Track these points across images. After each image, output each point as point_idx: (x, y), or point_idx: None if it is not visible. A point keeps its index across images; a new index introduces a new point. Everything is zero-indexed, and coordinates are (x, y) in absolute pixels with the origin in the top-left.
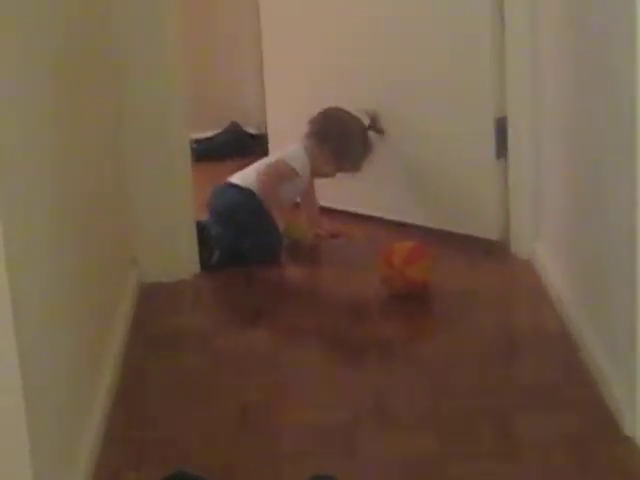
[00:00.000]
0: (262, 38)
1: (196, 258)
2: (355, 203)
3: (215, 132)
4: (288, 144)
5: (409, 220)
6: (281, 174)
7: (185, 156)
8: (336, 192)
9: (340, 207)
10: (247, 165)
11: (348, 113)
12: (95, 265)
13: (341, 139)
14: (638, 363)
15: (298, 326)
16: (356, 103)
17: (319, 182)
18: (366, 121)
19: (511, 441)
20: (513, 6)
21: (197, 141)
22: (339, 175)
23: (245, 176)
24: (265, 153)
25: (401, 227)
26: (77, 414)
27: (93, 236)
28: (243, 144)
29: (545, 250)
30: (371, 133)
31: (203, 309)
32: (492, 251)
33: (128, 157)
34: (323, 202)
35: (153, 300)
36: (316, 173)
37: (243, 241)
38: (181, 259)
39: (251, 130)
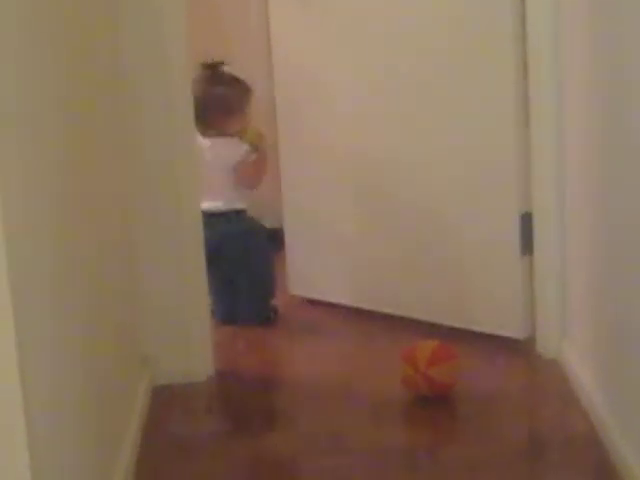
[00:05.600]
0: (279, 133)
1: (211, 358)
2: (377, 302)
3: None
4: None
5: (432, 319)
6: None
7: (198, 250)
8: (356, 291)
9: (364, 306)
10: None
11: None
12: (105, 363)
13: (211, 106)
14: None
15: (316, 431)
16: (375, 195)
17: (341, 280)
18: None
19: None
20: (538, 101)
21: None
22: (358, 272)
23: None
24: (281, 247)
25: (423, 326)
26: None
27: (102, 332)
28: None
29: (572, 349)
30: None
31: (218, 413)
32: (518, 350)
33: (139, 248)
34: (343, 300)
35: (166, 403)
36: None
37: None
38: (195, 359)
39: (266, 224)
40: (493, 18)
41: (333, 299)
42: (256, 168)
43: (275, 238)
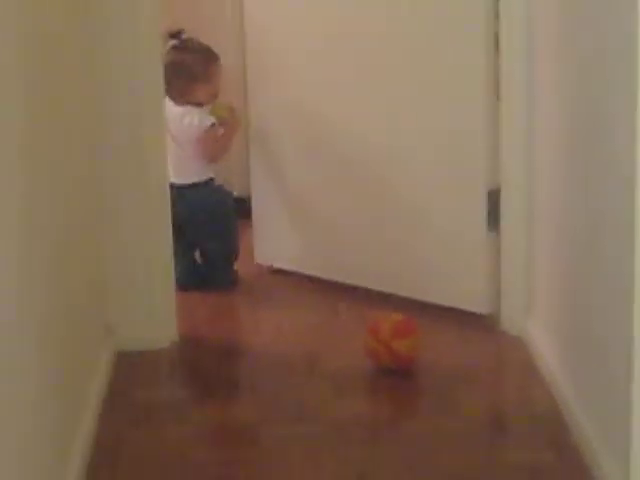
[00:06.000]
0: (248, 101)
1: (174, 325)
2: (341, 273)
3: None
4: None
5: (397, 291)
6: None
7: (165, 217)
8: (322, 262)
9: (326, 277)
10: None
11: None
12: (66, 330)
13: (176, 73)
14: (634, 446)
15: (279, 399)
16: (343, 166)
17: (307, 250)
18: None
19: None
20: (509, 76)
21: None
22: (324, 244)
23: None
24: (248, 216)
25: (388, 298)
26: None
27: (64, 298)
28: None
29: (536, 326)
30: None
31: (182, 379)
32: (482, 326)
33: (105, 215)
34: (306, 270)
35: (129, 370)
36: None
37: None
38: (159, 326)
39: (234, 193)
40: None
41: (299, 269)
42: (220, 143)
43: (242, 207)
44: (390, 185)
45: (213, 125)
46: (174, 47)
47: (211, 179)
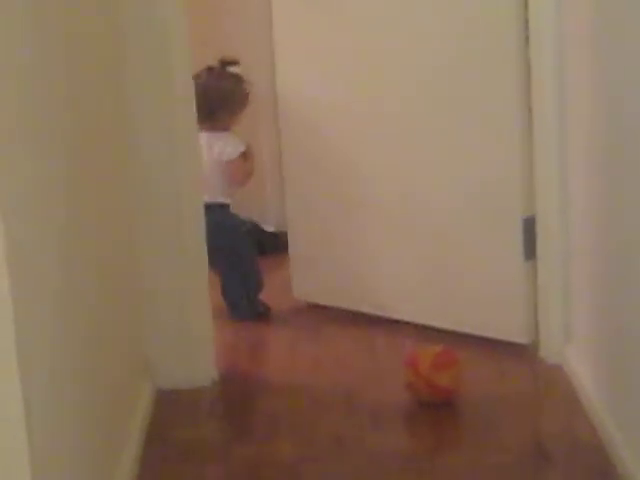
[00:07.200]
0: (282, 137)
1: (214, 362)
2: (379, 307)
3: None
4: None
5: (435, 324)
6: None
7: (201, 251)
8: (359, 295)
9: (363, 310)
10: (266, 263)
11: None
12: (107, 369)
13: (218, 102)
14: None
15: (319, 435)
16: (380, 205)
17: (343, 284)
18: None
19: None
20: (541, 102)
21: None
22: (361, 277)
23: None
24: (285, 251)
25: (427, 331)
26: None
27: (104, 339)
28: (262, 242)
29: (576, 355)
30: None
31: (221, 418)
32: (521, 355)
33: (142, 251)
34: (344, 304)
35: (170, 408)
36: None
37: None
38: (198, 364)
39: (269, 228)
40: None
41: (336, 303)
42: (248, 168)
43: (279, 241)
44: (425, 217)
45: (244, 153)
46: (212, 74)
47: (227, 205)
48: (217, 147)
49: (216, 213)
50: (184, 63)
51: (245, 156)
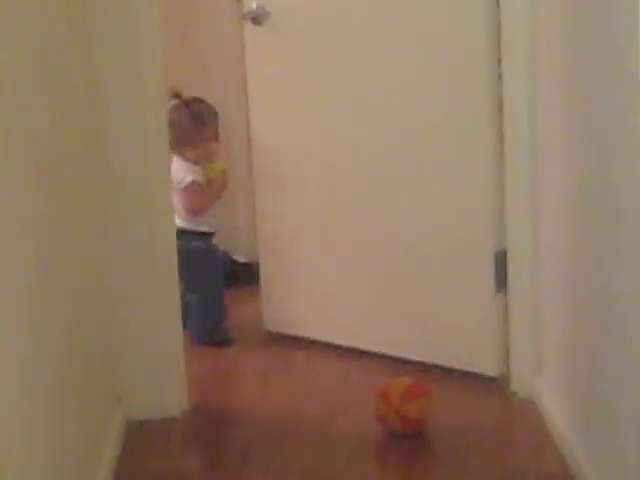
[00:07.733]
0: (253, 164)
1: (185, 394)
2: (352, 338)
3: None
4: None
5: (406, 355)
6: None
7: (173, 283)
8: (330, 327)
9: (336, 341)
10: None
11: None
12: (77, 403)
13: (173, 131)
14: None
15: (291, 466)
16: (352, 237)
17: (315, 316)
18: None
19: None
20: (513, 138)
21: None
22: (333, 309)
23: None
24: (256, 282)
25: (398, 362)
26: None
27: (75, 370)
28: (233, 273)
29: (546, 387)
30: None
31: (192, 449)
32: (491, 388)
33: (112, 281)
34: (316, 335)
35: (140, 440)
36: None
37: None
38: (169, 395)
39: (241, 258)
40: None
41: (308, 335)
42: (202, 199)
43: (251, 272)
44: (398, 250)
45: (192, 183)
46: (173, 106)
47: (198, 233)
48: (174, 174)
49: (181, 238)
50: (157, 89)
51: (207, 184)
